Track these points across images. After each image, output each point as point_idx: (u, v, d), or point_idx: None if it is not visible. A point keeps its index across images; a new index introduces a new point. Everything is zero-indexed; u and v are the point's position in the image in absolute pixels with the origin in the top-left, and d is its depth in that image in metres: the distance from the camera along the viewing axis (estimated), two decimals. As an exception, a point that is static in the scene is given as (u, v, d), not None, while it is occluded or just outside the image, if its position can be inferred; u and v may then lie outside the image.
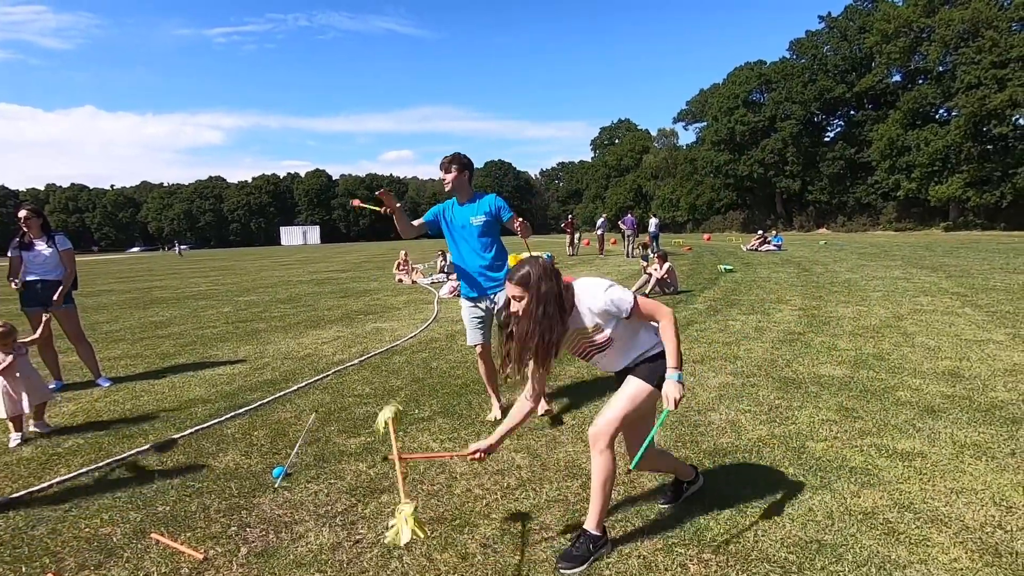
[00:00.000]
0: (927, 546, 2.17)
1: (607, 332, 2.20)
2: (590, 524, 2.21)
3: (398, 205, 3.48)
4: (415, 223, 3.78)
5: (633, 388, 2.21)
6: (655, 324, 2.26)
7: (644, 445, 2.20)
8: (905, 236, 35.25)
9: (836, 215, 50.98)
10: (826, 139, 53.59)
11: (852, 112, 52.06)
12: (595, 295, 2.16)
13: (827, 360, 4.95)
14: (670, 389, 2.11)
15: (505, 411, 3.68)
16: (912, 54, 42.90)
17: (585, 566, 2.15)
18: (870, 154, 45.83)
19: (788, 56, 55.43)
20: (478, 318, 3.74)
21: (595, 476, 2.20)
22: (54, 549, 2.38)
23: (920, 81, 43.94)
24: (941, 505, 2.47)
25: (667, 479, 2.65)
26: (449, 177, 3.54)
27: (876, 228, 46.21)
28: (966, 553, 2.12)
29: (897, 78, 46.87)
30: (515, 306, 2.17)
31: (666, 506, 2.54)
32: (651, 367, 2.23)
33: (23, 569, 2.25)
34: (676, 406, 2.10)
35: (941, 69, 41.22)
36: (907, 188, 42.46)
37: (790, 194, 54.11)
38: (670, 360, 2.16)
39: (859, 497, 2.56)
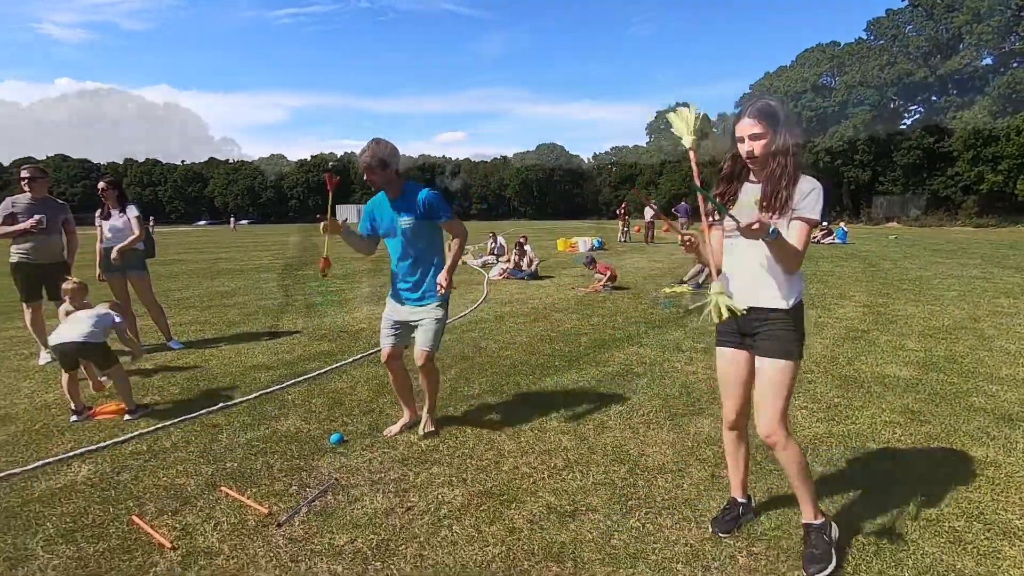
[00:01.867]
0: (997, 558, 2.06)
1: (777, 222, 1.92)
2: (808, 516, 2.09)
3: (339, 223, 3.18)
4: (364, 239, 3.44)
5: (773, 376, 2.01)
6: (791, 280, 1.99)
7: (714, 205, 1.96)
8: (986, 233, 32.75)
9: (909, 208, 47.86)
10: (902, 126, 50.15)
11: (934, 98, 48.39)
12: (811, 181, 1.97)
13: (893, 360, 4.71)
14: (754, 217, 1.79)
15: (414, 425, 3.32)
16: (1008, 35, 39.39)
17: (833, 561, 2.00)
18: (951, 143, 42.63)
19: (865, 37, 51.98)
20: (394, 323, 3.27)
21: (789, 472, 2.08)
22: (136, 494, 2.60)
23: (1014, 64, 40.33)
24: (1015, 518, 2.33)
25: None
26: (373, 179, 3.17)
27: (954, 223, 43.11)
28: (1041, 569, 2.00)
29: (988, 61, 43.15)
30: (750, 145, 1.96)
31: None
32: (776, 343, 2.00)
33: (111, 510, 2.47)
34: (743, 230, 1.76)
35: (1040, 51, 37.71)
36: (992, 181, 39.30)
37: (859, 184, 51.13)
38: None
39: (923, 503, 2.45)
